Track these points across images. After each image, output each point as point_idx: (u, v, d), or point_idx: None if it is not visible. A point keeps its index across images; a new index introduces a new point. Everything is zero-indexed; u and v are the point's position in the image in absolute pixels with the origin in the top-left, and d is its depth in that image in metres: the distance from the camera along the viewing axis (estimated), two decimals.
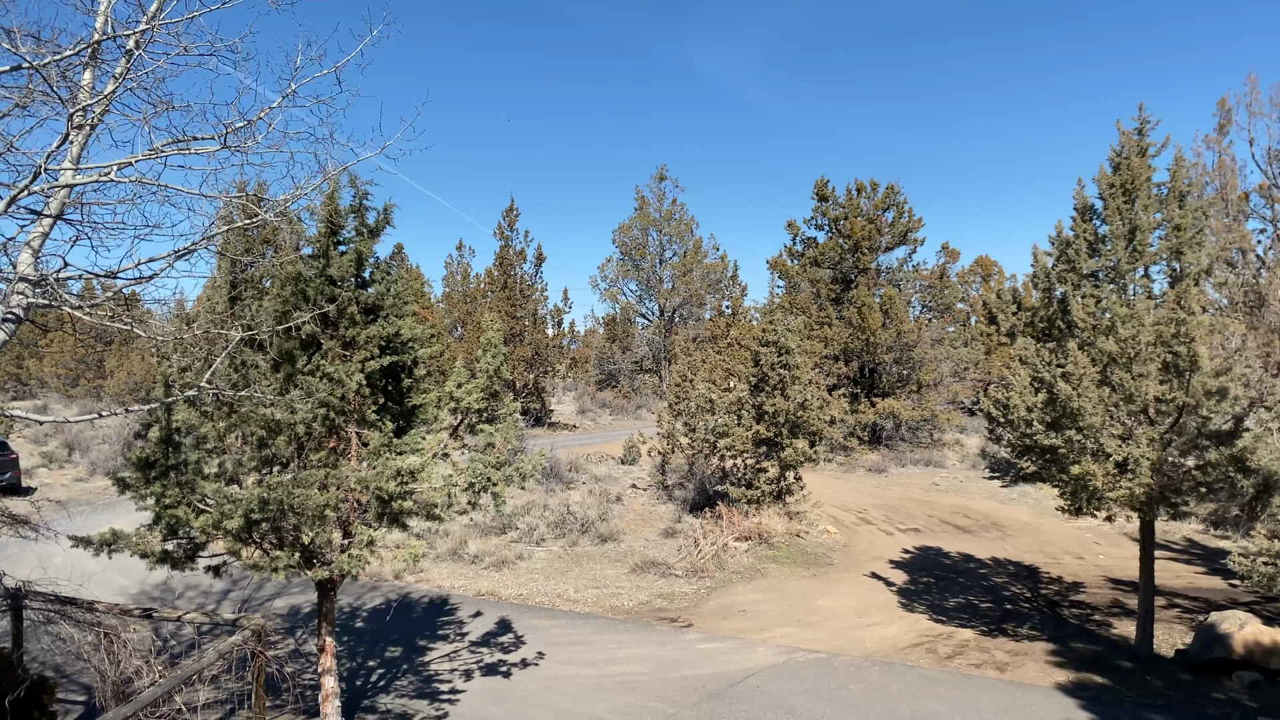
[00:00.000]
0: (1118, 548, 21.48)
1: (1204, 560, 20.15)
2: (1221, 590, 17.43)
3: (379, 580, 17.82)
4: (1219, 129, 22.45)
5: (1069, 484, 12.74)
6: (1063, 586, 18.21)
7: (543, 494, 25.60)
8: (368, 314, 9.31)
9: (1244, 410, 12.11)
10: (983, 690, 12.10)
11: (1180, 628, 15.01)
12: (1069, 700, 11.76)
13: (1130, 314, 12.29)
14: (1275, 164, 22.01)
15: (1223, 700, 11.80)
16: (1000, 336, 44.40)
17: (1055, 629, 15.17)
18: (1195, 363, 11.72)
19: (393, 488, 8.47)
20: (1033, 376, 13.32)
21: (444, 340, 45.71)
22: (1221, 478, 12.14)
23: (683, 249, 59.58)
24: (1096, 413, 12.18)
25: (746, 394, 24.74)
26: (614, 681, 12.36)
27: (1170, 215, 12.73)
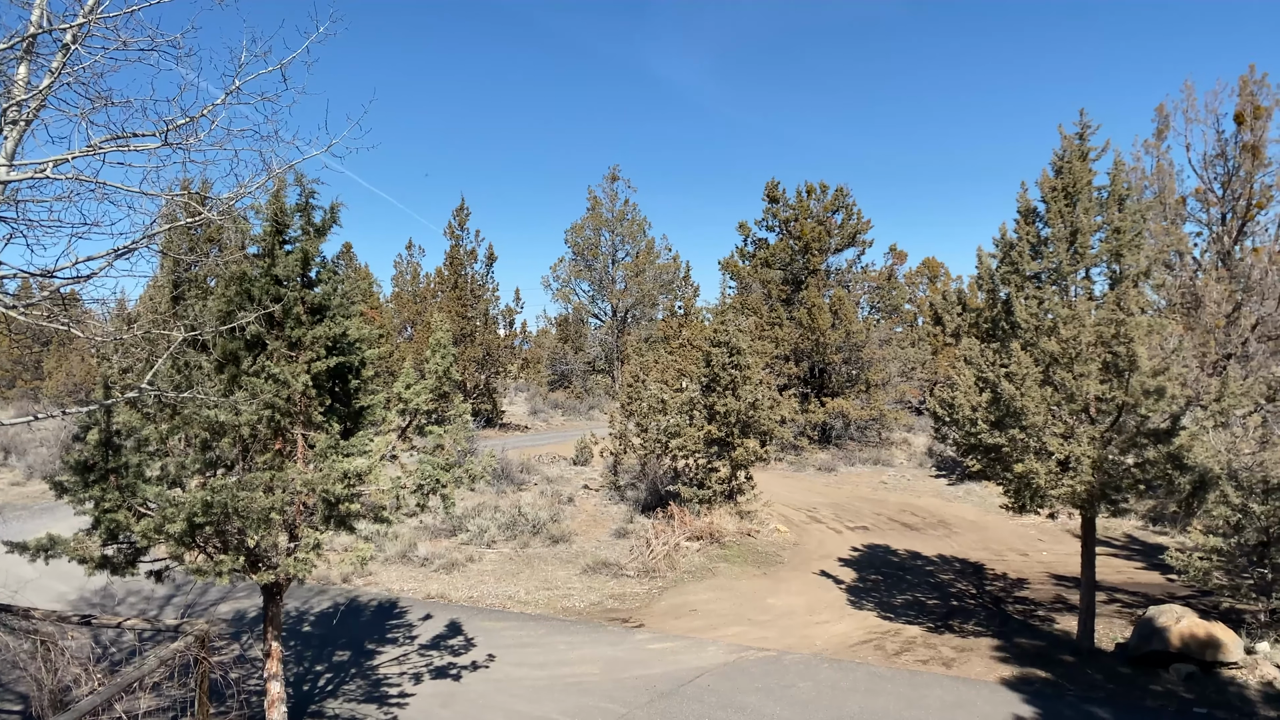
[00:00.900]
0: (1060, 544, 21.92)
1: (1143, 556, 20.64)
2: (1160, 585, 17.86)
3: (327, 584, 17.60)
4: (1157, 134, 22.99)
5: (1013, 482, 12.98)
6: (1007, 583, 18.54)
7: (494, 496, 25.48)
8: (314, 314, 9.19)
9: (1181, 409, 12.44)
10: (930, 686, 12.28)
11: (1120, 622, 15.36)
12: (1013, 695, 11.97)
13: (1071, 315, 12.56)
14: (1211, 169, 22.59)
15: (1160, 692, 12.10)
16: (946, 337, 45.17)
17: (1000, 625, 15.45)
18: (1134, 363, 12.01)
19: (340, 490, 8.38)
20: (977, 376, 13.56)
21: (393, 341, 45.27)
22: (1160, 475, 12.46)
23: (635, 249, 59.62)
24: (1039, 412, 12.43)
25: (698, 394, 24.84)
26: (565, 683, 12.35)
27: (1110, 218, 13.03)
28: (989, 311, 14.17)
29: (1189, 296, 21.45)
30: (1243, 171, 21.92)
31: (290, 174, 8.92)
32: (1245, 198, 22.03)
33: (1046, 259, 13.34)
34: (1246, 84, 21.74)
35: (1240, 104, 21.75)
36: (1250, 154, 21.68)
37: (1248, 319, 21.34)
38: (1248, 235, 22.36)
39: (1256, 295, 21.26)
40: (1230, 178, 22.20)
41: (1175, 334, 14.25)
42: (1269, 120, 21.49)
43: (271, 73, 6.52)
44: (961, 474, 28.93)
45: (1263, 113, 21.48)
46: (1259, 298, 21.27)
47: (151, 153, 6.30)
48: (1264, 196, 21.76)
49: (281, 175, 8.57)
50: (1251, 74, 21.73)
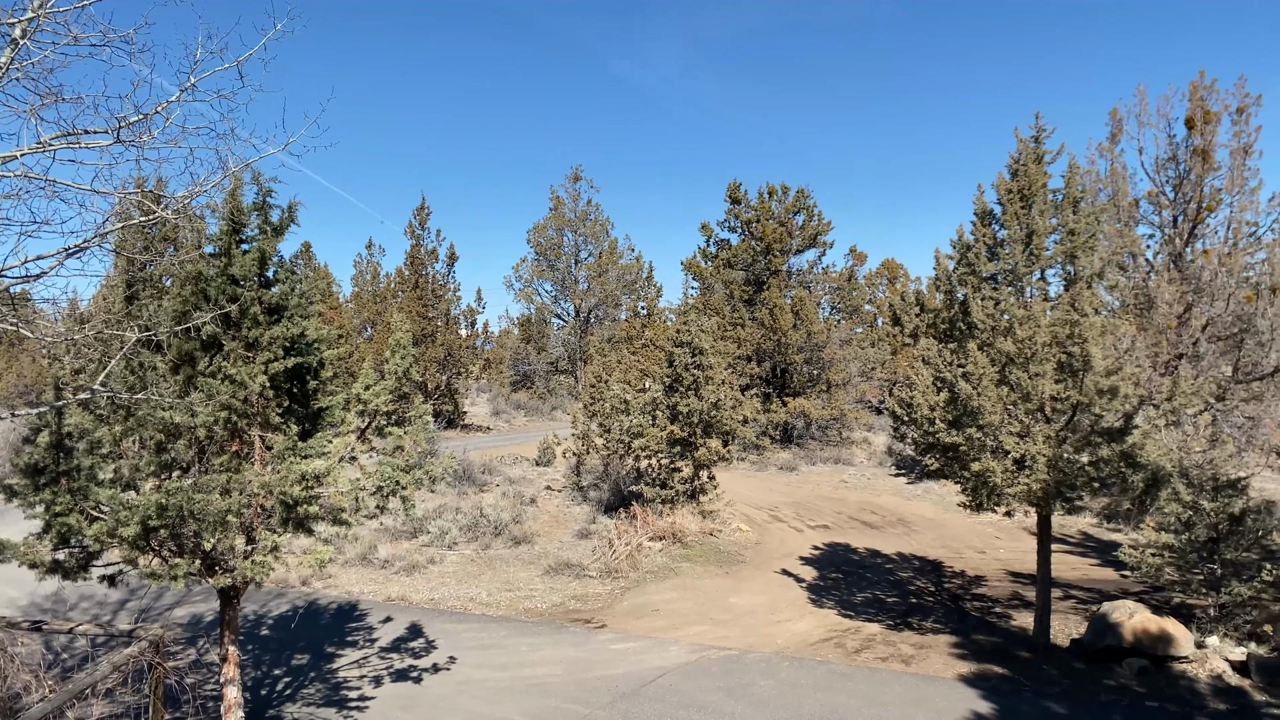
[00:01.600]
0: (1017, 541, 22.23)
1: (1098, 553, 20.99)
2: (1114, 581, 18.18)
3: (285, 587, 17.40)
4: (1111, 138, 23.37)
5: (970, 480, 13.15)
6: (965, 580, 18.77)
7: (455, 497, 25.33)
8: (272, 314, 9.09)
9: (1134, 408, 12.66)
10: (889, 683, 12.40)
11: (1075, 618, 15.60)
12: (971, 691, 12.12)
13: (1027, 315, 12.75)
14: (1163, 172, 23.00)
15: (1114, 687, 12.32)
16: (905, 337, 45.63)
17: (958, 622, 15.63)
18: (1088, 362, 12.21)
19: (298, 492, 8.29)
20: (935, 376, 13.71)
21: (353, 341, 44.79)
22: (1113, 473, 12.67)
23: (598, 249, 59.56)
24: (995, 411, 12.60)
25: (661, 394, 24.88)
26: (527, 684, 12.31)
27: (1065, 220, 13.24)
28: (946, 312, 14.33)
29: (1142, 297, 21.85)
30: (1193, 175, 22.36)
31: (247, 172, 8.80)
32: (1196, 201, 22.46)
33: (1003, 260, 13.52)
34: (1197, 89, 22.17)
35: (1191, 109, 22.18)
36: (1201, 158, 22.11)
37: (1198, 320, 21.78)
38: (1198, 237, 22.80)
39: (1207, 296, 21.70)
40: (1181, 181, 22.62)
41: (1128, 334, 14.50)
42: (1218, 125, 21.93)
43: (228, 70, 6.43)
44: (920, 473, 29.29)
45: (1212, 117, 21.92)
46: (1209, 299, 21.72)
47: (104, 150, 6.19)
48: (1214, 200, 22.20)
49: (238, 174, 8.45)
50: (1201, 79, 22.17)
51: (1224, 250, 21.99)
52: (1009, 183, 13.61)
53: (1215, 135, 22.05)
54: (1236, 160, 21.85)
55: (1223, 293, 21.60)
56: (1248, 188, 21.76)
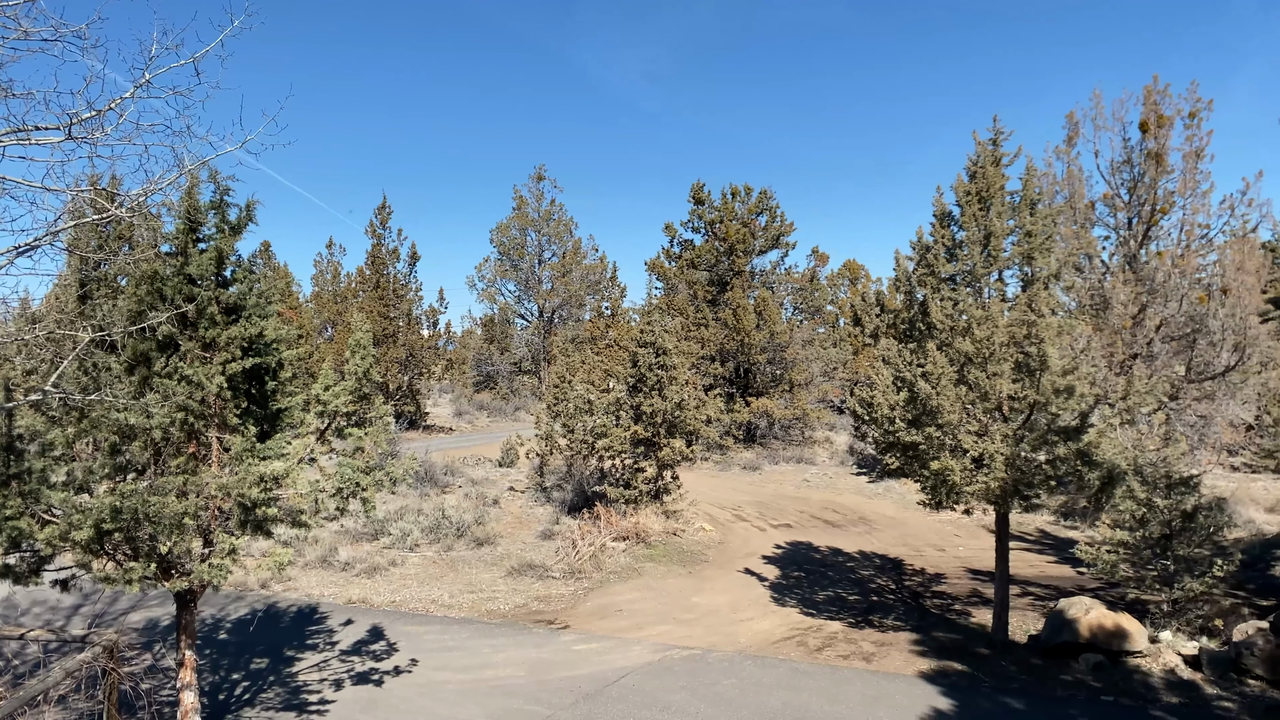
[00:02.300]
0: (976, 539, 22.50)
1: (1055, 550, 21.30)
2: (1070, 578, 18.45)
3: (244, 590, 17.18)
4: (1068, 141, 23.73)
5: (929, 479, 13.29)
6: (925, 578, 18.97)
7: (417, 499, 25.15)
8: (229, 314, 8.97)
9: (1089, 407, 12.87)
10: (850, 681, 12.50)
11: (1033, 614, 15.82)
12: (931, 688, 12.25)
13: (985, 316, 12.91)
14: (1118, 175, 23.39)
15: (1070, 682, 12.50)
16: (865, 337, 46.07)
17: (918, 619, 15.79)
18: (1045, 362, 12.39)
19: (256, 494, 8.19)
20: (895, 376, 13.84)
21: (313, 341, 44.39)
22: (1070, 471, 12.87)
23: (562, 250, 59.43)
24: (954, 410, 12.74)
25: (625, 394, 24.89)
26: (489, 686, 12.26)
27: (1022, 222, 13.42)
28: (906, 313, 14.48)
29: (1098, 298, 22.20)
30: (1148, 178, 22.76)
31: (204, 170, 8.68)
32: (1150, 203, 22.87)
33: (961, 261, 13.69)
34: (1151, 93, 22.58)
35: (1145, 113, 22.58)
36: (1155, 161, 22.52)
37: (1153, 320, 22.18)
38: (1153, 239, 23.22)
39: (1160, 297, 22.11)
40: (1136, 184, 23.02)
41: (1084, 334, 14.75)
42: (1171, 129, 22.34)
43: (184, 66, 6.35)
44: (881, 471, 29.53)
45: (1166, 121, 22.33)
46: (1163, 300, 22.13)
47: (55, 146, 6.08)
48: (1167, 202, 22.62)
49: (195, 171, 8.35)
50: (1155, 84, 22.58)
51: (1177, 252, 22.41)
52: (967, 185, 13.77)
53: (1168, 139, 22.47)
54: (1189, 164, 22.27)
55: (1176, 294, 22.02)
56: (1199, 190, 22.19)
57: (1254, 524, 22.57)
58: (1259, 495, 25.82)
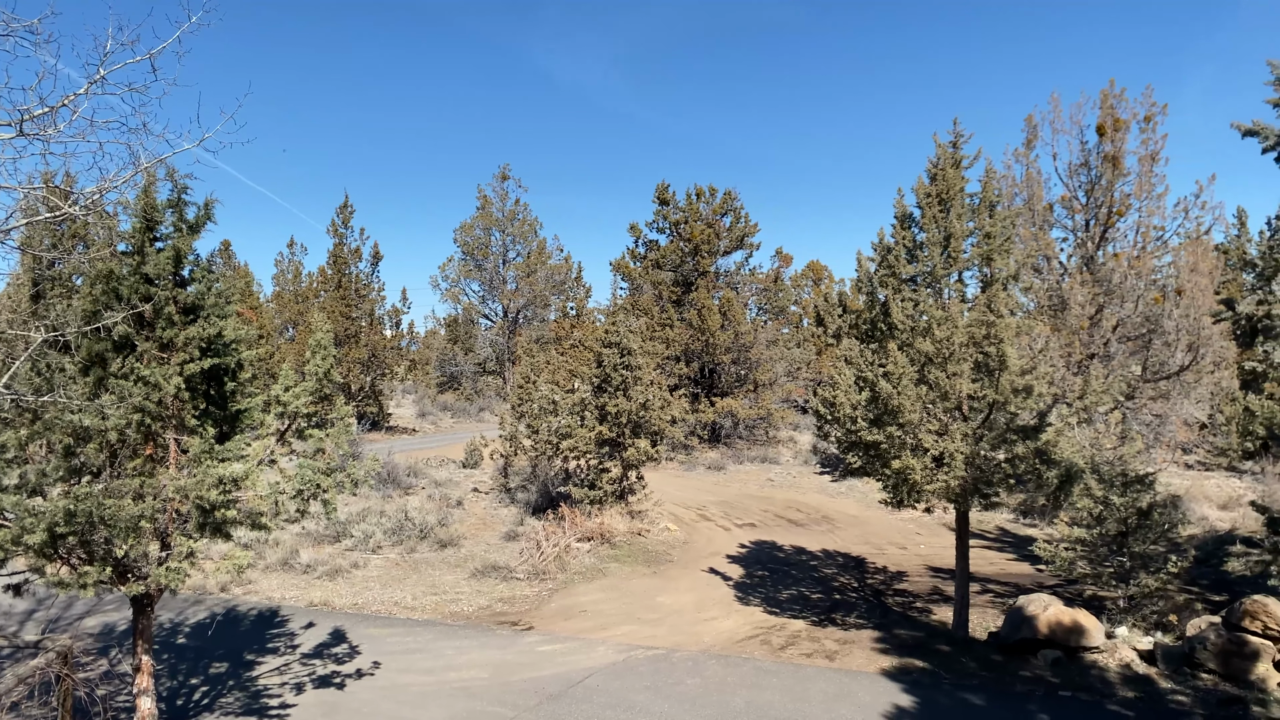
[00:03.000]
0: (937, 537, 22.73)
1: (1014, 548, 21.57)
2: (1029, 575, 18.70)
3: (203, 593, 16.96)
4: (1026, 144, 24.04)
5: (891, 478, 13.41)
6: (888, 576, 19.13)
7: (379, 500, 24.96)
8: (187, 314, 8.85)
9: (1047, 406, 13.06)
10: (813, 679, 12.58)
11: (993, 611, 16.01)
12: (893, 685, 12.36)
13: (945, 316, 13.05)
14: (1075, 178, 23.74)
15: (1029, 678, 12.67)
16: (828, 338, 46.36)
17: (881, 617, 15.92)
18: (1004, 362, 12.56)
19: (215, 496, 8.09)
20: (857, 376, 13.95)
21: (273, 342, 43.88)
22: (1028, 470, 13.05)
23: (527, 249, 59.21)
24: (915, 410, 12.87)
25: (589, 395, 24.85)
26: (453, 688, 12.19)
27: (982, 224, 13.59)
28: (868, 313, 14.61)
29: (1055, 299, 22.52)
30: (1104, 180, 23.12)
31: (161, 168, 8.56)
32: (1107, 205, 23.24)
33: (921, 262, 13.83)
34: (1107, 97, 22.94)
35: (1102, 116, 22.94)
36: (1111, 164, 22.88)
37: (1109, 321, 22.54)
38: (1109, 241, 23.59)
39: (1117, 298, 22.48)
40: (1093, 186, 23.38)
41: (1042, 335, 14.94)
42: (1127, 132, 22.72)
43: (140, 62, 6.26)
44: (844, 471, 29.76)
45: (1122, 125, 22.70)
46: (1119, 301, 22.49)
47: (6, 143, 5.97)
48: (1123, 204, 22.99)
49: (151, 169, 8.23)
50: (1111, 88, 22.95)
51: (1133, 254, 22.78)
52: (928, 187, 13.92)
53: (1125, 142, 22.84)
54: (1144, 167, 22.66)
55: (1132, 295, 22.39)
56: (1155, 193, 22.57)
57: (1207, 521, 23.01)
58: (1212, 492, 26.33)
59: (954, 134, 14.04)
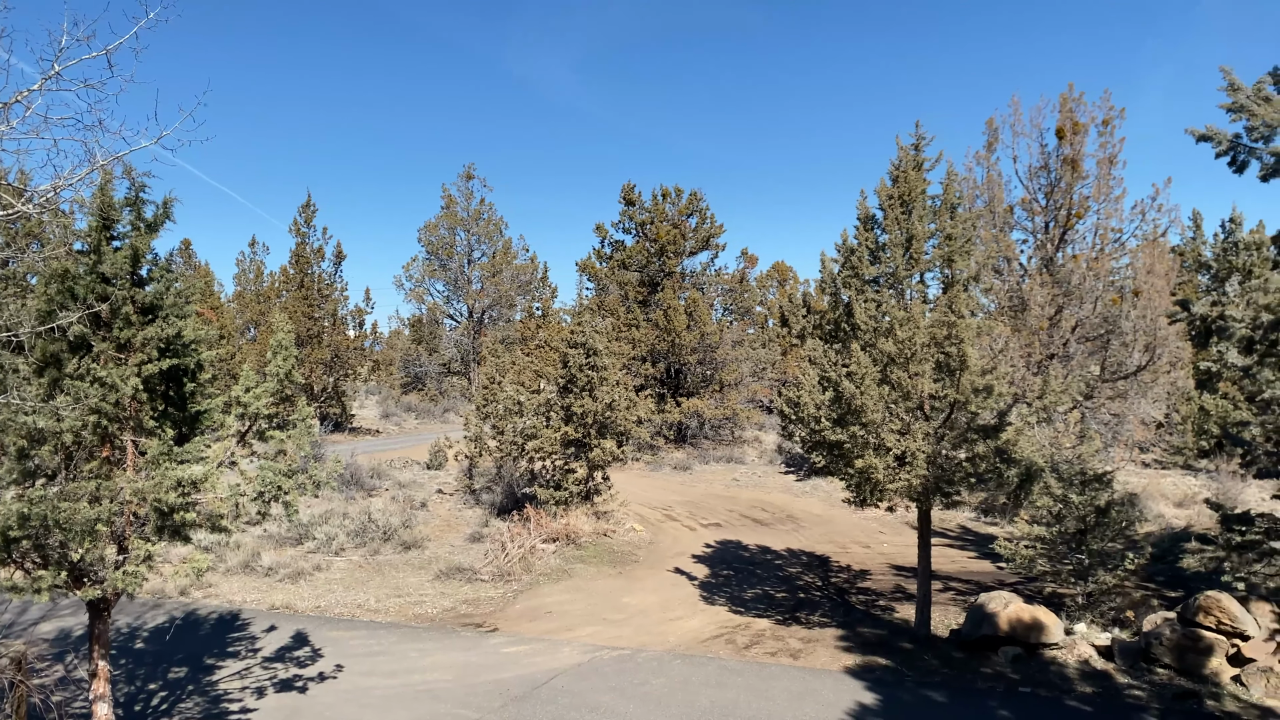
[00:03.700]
0: (900, 536, 22.93)
1: (975, 545, 21.82)
2: (991, 573, 18.92)
3: (162, 597, 16.72)
4: (987, 146, 24.33)
5: (854, 477, 13.51)
6: (851, 574, 19.27)
7: (342, 502, 24.74)
8: (145, 314, 8.71)
9: (1007, 406, 13.22)
10: (777, 678, 12.64)
11: (954, 609, 16.18)
12: (856, 683, 12.46)
13: (907, 317, 13.18)
14: (1035, 180, 24.07)
15: (990, 674, 12.83)
16: (793, 338, 46.63)
17: (844, 615, 16.04)
18: (964, 362, 12.70)
19: (173, 499, 7.98)
20: (821, 376, 14.05)
21: (235, 342, 43.30)
22: (989, 468, 13.21)
23: (492, 249, 58.95)
24: (877, 410, 12.98)
25: (555, 395, 24.81)
26: (416, 690, 12.12)
27: (943, 225, 13.74)
28: (832, 314, 14.71)
29: (1016, 300, 22.80)
30: (1064, 183, 23.46)
31: (118, 166, 8.42)
32: (1066, 207, 23.58)
33: (884, 264, 13.95)
34: (1066, 101, 23.28)
35: (1061, 120, 23.27)
36: (1070, 167, 23.23)
37: (1068, 321, 22.87)
38: (1068, 243, 23.94)
39: (1076, 299, 22.81)
40: (1053, 188, 23.72)
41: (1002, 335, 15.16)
42: (1086, 136, 23.07)
43: (96, 58, 6.16)
44: (808, 470, 29.93)
45: (1080, 128, 23.05)
46: (1078, 302, 22.83)
47: None
48: (1082, 207, 23.34)
49: (108, 167, 8.09)
50: (1070, 92, 23.29)
51: (1091, 255, 23.14)
52: (890, 189, 14.04)
53: (1083, 145, 23.19)
54: (1103, 169, 23.02)
55: (1090, 296, 22.73)
56: (1113, 196, 22.94)
57: (1163, 518, 23.41)
58: (1168, 490, 26.81)
59: (916, 136, 14.17)
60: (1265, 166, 8.46)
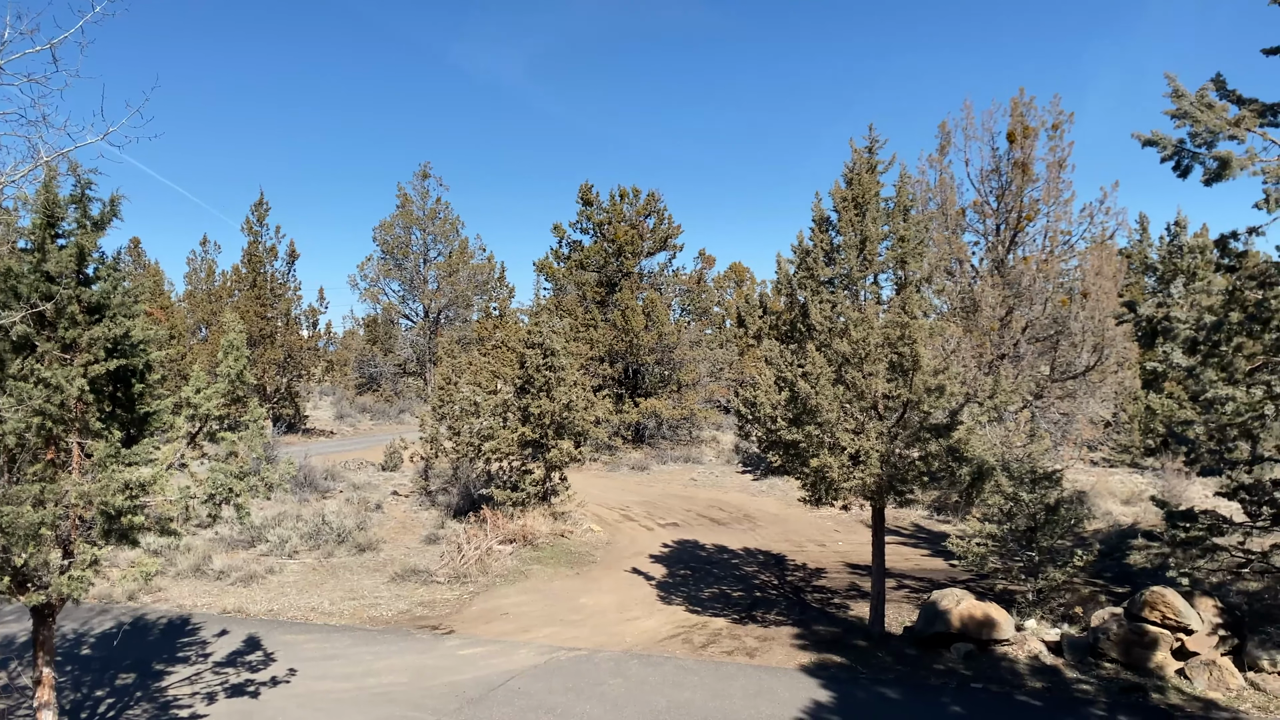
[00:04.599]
0: (855, 534, 23.16)
1: (929, 543, 22.10)
2: (943, 570, 19.17)
3: (109, 602, 16.39)
4: (940, 150, 24.69)
5: (809, 476, 13.62)
6: (807, 573, 19.42)
7: (296, 504, 24.44)
8: (92, 313, 8.54)
9: (959, 405, 13.41)
10: (734, 676, 12.71)
11: (908, 606, 16.37)
12: (811, 680, 12.56)
13: (861, 318, 13.32)
14: (987, 183, 24.46)
15: (943, 671, 12.99)
16: (750, 338, 46.89)
17: (800, 613, 16.16)
18: (917, 362, 12.86)
19: (121, 501, 7.82)
20: (777, 376, 14.15)
21: (185, 342, 42.58)
22: (942, 467, 13.38)
23: (448, 249, 58.57)
24: (832, 409, 13.10)
25: (512, 396, 24.72)
26: (371, 694, 12.01)
27: (896, 228, 13.90)
28: (788, 314, 14.83)
29: (967, 301, 23.14)
30: (1014, 186, 23.86)
31: (63, 162, 8.25)
32: (1016, 210, 23.98)
33: (839, 265, 14.08)
34: (1017, 105, 23.67)
35: (1012, 124, 23.66)
36: (1021, 170, 23.62)
37: (1019, 322, 23.25)
38: (1019, 245, 24.35)
39: (1026, 301, 23.21)
40: (1004, 191, 24.11)
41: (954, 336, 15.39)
42: (1036, 140, 23.49)
43: (40, 52, 6.05)
44: (765, 469, 30.11)
45: (1031, 132, 23.45)
46: (1028, 303, 23.23)
47: None
48: (1032, 210, 23.76)
49: (53, 163, 7.93)
50: (1021, 96, 23.69)
51: (1041, 257, 23.55)
52: (844, 191, 14.17)
53: (1033, 149, 23.61)
54: (1052, 173, 23.45)
55: (1040, 297, 23.13)
56: (1062, 199, 23.38)
57: (1111, 515, 23.87)
58: (1116, 488, 27.33)
59: (870, 139, 14.32)
60: (1208, 171, 8.66)
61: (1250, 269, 9.00)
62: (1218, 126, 8.59)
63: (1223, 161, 8.46)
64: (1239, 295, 9.07)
